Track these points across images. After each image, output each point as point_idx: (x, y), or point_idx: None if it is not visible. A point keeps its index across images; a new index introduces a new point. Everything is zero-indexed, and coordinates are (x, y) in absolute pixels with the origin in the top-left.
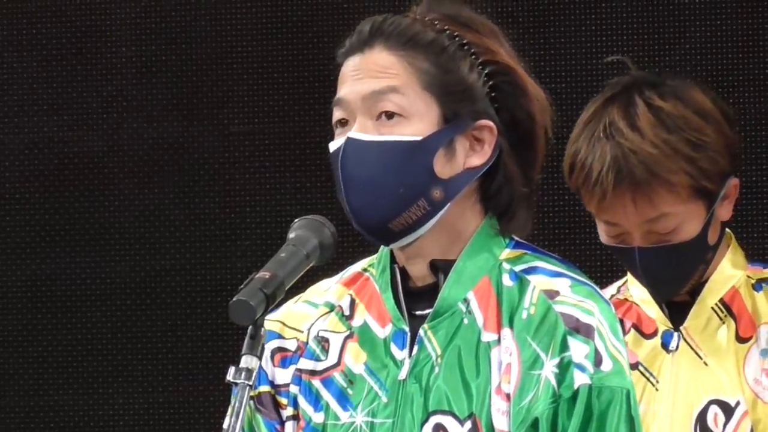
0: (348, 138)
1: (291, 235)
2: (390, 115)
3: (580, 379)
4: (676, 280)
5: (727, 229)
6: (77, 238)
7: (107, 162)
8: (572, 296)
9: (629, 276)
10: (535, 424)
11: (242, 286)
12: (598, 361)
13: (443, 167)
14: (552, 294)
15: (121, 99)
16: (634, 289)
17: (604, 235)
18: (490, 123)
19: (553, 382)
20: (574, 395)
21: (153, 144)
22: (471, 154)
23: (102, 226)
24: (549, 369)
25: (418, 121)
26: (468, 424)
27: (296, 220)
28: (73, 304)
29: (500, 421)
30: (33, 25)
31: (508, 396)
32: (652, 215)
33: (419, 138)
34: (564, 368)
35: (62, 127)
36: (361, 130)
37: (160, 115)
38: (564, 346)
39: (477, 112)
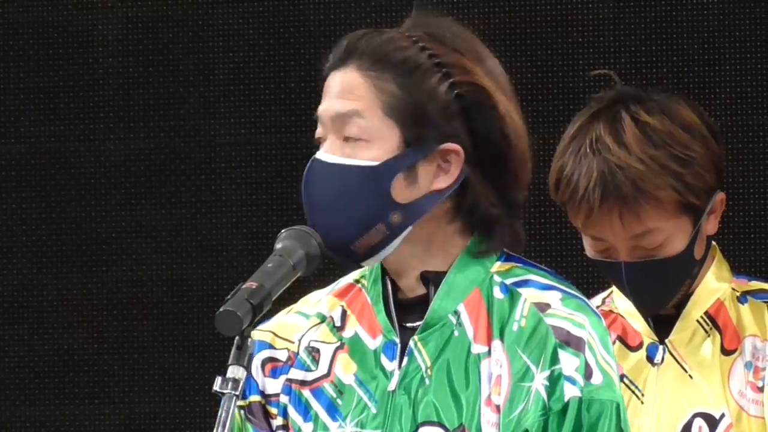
0: (314, 159)
1: (278, 245)
2: (353, 139)
3: (570, 392)
4: (662, 294)
5: (713, 242)
6: (63, 249)
7: (93, 173)
8: (563, 309)
9: (614, 287)
10: None
11: (229, 297)
12: (588, 374)
13: (402, 192)
14: (543, 307)
15: (107, 110)
16: (619, 301)
17: (589, 250)
18: (456, 146)
19: (544, 394)
20: (564, 408)
21: (139, 155)
22: (437, 177)
23: (88, 236)
24: (539, 381)
25: (377, 147)
26: None
27: (283, 230)
28: (59, 314)
29: None
30: (19, 36)
31: (497, 408)
32: (639, 231)
33: (375, 163)
34: (554, 381)
35: (49, 138)
36: (329, 151)
37: (146, 126)
38: (554, 359)
39: (444, 135)
